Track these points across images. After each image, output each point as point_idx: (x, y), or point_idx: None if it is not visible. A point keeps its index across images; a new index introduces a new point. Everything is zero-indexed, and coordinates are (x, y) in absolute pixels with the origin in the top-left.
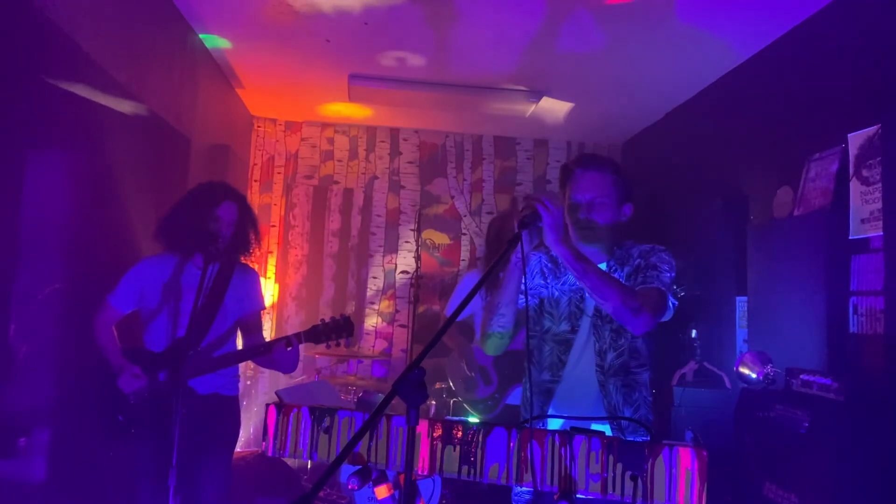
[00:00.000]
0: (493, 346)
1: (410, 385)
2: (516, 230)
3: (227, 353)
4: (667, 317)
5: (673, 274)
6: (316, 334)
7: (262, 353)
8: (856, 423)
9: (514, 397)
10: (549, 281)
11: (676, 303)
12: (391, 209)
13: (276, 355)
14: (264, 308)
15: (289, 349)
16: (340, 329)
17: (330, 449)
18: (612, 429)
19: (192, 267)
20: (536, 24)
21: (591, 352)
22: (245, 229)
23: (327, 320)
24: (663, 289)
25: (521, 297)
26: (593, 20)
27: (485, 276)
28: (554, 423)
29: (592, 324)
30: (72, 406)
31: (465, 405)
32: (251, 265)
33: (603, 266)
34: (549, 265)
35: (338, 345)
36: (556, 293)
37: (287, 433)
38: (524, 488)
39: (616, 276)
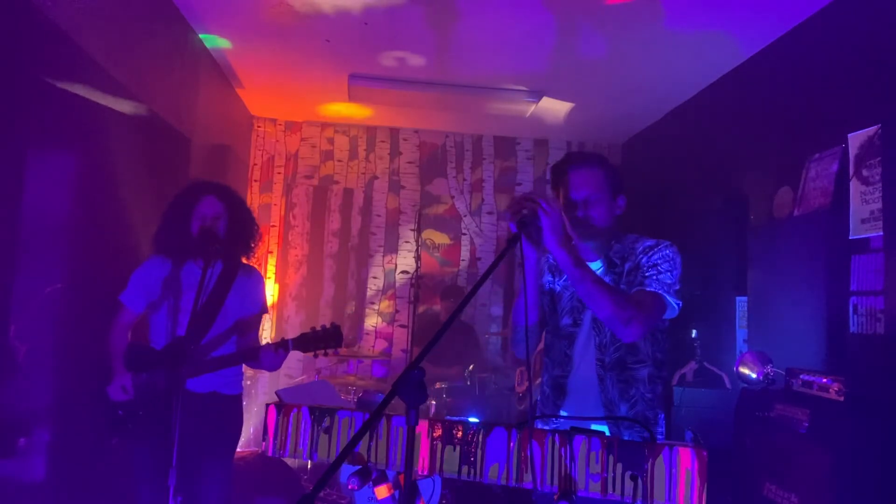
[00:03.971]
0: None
1: (410, 385)
2: (514, 230)
3: (222, 356)
4: (669, 316)
5: (677, 272)
6: (305, 343)
7: (251, 358)
8: (856, 423)
9: None
10: (555, 277)
11: (681, 302)
12: (391, 209)
13: (263, 358)
14: (266, 311)
15: (277, 353)
16: (329, 339)
17: (330, 449)
18: (609, 428)
19: (193, 265)
20: (537, 25)
21: (592, 346)
22: (238, 221)
23: (317, 329)
24: (660, 291)
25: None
26: (593, 21)
27: (485, 274)
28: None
29: (592, 318)
30: (72, 406)
31: None
32: (255, 266)
33: (598, 264)
34: (555, 262)
35: (325, 354)
36: (559, 288)
37: (287, 433)
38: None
39: (614, 272)
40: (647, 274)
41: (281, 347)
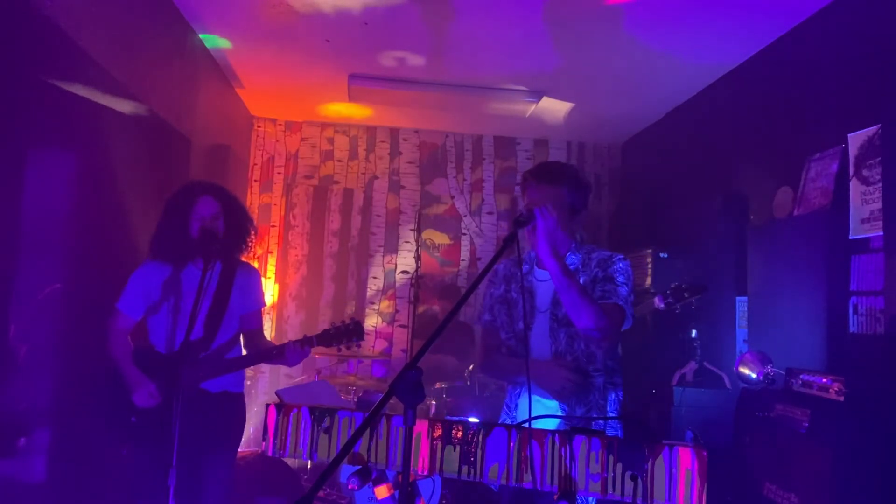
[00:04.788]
0: None
1: (407, 385)
2: (512, 229)
3: (241, 357)
4: (625, 327)
5: (631, 284)
6: (328, 338)
7: (277, 356)
8: (856, 423)
9: None
10: (509, 286)
11: (633, 312)
12: (391, 209)
13: (289, 355)
14: (265, 306)
15: (302, 350)
16: (351, 333)
17: (330, 449)
18: (562, 423)
19: (193, 266)
20: (536, 24)
21: (547, 352)
22: (235, 220)
23: (338, 324)
24: (621, 304)
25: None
26: (593, 20)
27: (482, 272)
28: (550, 423)
29: (549, 326)
30: (72, 406)
31: None
32: (252, 263)
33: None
34: (511, 270)
35: (348, 348)
36: (515, 294)
37: (287, 433)
38: None
39: None
40: (606, 287)
41: (306, 344)
